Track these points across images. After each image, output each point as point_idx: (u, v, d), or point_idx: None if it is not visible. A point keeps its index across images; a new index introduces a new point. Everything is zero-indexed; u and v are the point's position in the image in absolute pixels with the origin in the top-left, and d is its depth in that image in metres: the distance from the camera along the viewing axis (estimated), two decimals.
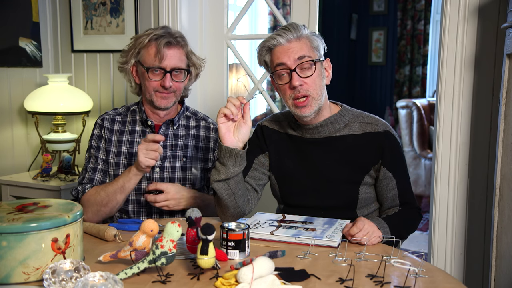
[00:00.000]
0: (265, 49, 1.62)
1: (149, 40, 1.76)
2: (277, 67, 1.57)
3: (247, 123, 1.51)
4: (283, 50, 1.57)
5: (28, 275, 1.10)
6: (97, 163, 1.85)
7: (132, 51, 1.80)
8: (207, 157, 1.88)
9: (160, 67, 1.75)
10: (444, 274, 1.22)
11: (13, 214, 1.15)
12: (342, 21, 6.81)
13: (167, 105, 1.80)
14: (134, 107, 1.91)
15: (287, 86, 1.57)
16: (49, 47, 2.98)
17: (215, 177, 1.54)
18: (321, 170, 1.65)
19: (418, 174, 4.67)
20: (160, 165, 1.82)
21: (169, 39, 1.76)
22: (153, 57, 1.75)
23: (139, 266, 1.14)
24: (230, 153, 1.50)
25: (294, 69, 1.54)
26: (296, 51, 1.55)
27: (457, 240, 2.20)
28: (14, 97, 2.80)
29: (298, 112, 1.58)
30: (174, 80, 1.77)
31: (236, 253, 1.27)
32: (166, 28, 1.81)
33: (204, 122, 1.93)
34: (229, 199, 1.57)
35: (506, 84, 1.81)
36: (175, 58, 1.77)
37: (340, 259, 1.28)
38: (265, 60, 1.65)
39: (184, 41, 1.82)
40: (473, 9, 2.09)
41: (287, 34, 1.56)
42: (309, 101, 1.56)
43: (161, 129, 1.85)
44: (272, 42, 1.58)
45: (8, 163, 2.80)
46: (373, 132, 1.63)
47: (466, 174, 2.17)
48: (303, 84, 1.55)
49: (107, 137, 1.86)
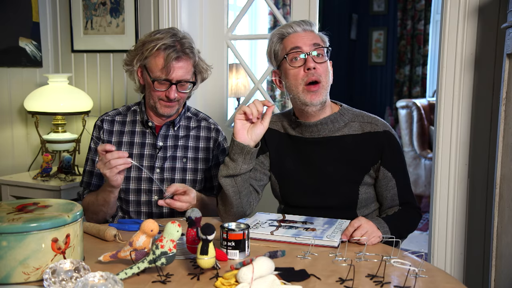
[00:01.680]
0: (278, 37, 1.64)
1: (157, 49, 1.71)
2: (292, 50, 1.59)
3: (264, 125, 1.53)
4: (299, 36, 1.61)
5: (28, 275, 1.10)
6: (93, 167, 1.86)
7: (138, 55, 1.77)
8: (208, 157, 1.88)
9: (167, 79, 1.73)
10: (444, 274, 1.22)
11: (13, 214, 1.15)
12: (342, 21, 6.81)
13: (170, 113, 1.81)
14: (135, 107, 1.91)
15: (300, 68, 1.58)
16: (49, 47, 2.98)
17: (223, 172, 1.56)
18: (321, 170, 1.65)
19: (418, 174, 4.67)
20: (160, 166, 1.82)
21: (179, 53, 1.71)
22: (160, 68, 1.72)
23: (139, 266, 1.14)
24: (241, 150, 1.51)
25: (309, 53, 1.57)
26: (311, 39, 1.60)
27: (457, 240, 2.20)
28: (14, 97, 2.80)
29: (308, 98, 1.58)
30: (179, 91, 1.76)
31: (236, 253, 1.27)
32: (175, 36, 1.74)
33: (205, 122, 1.92)
34: (234, 197, 1.57)
35: (506, 84, 1.81)
36: (182, 70, 1.74)
37: (340, 259, 1.28)
38: (274, 49, 1.65)
39: (193, 52, 1.77)
40: (473, 9, 2.09)
41: (303, 25, 1.62)
42: (320, 88, 1.58)
43: (161, 130, 1.85)
44: (288, 30, 1.62)
45: (8, 163, 2.80)
46: (372, 132, 1.63)
47: (466, 174, 2.17)
48: (316, 68, 1.58)
49: (106, 139, 1.86)
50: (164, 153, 1.83)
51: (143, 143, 1.85)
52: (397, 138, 1.68)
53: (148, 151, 1.84)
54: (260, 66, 4.50)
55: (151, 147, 1.84)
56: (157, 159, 1.83)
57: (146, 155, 1.83)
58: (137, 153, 1.83)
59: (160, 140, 1.84)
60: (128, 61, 1.82)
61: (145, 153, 1.83)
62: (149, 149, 1.84)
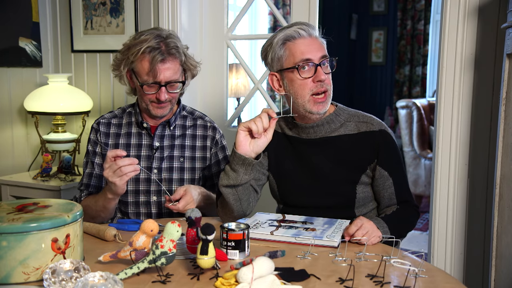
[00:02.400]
0: (282, 41, 1.57)
1: (142, 52, 1.69)
2: (302, 62, 1.55)
3: (267, 137, 1.51)
4: (307, 44, 1.56)
5: (28, 275, 1.10)
6: (93, 168, 1.86)
7: (125, 60, 1.75)
8: (205, 155, 1.88)
9: (155, 81, 1.71)
10: (444, 274, 1.22)
11: (13, 214, 1.15)
12: (342, 21, 6.81)
13: (163, 113, 1.80)
14: (130, 109, 1.91)
15: (309, 80, 1.56)
16: (49, 47, 2.98)
17: (224, 182, 1.54)
18: (318, 170, 1.65)
19: (418, 174, 4.67)
20: (158, 167, 1.82)
21: (164, 54, 1.69)
22: (147, 72, 1.70)
23: (139, 266, 1.14)
24: (243, 162, 1.50)
25: (319, 64, 1.56)
26: (318, 48, 1.58)
27: (457, 240, 2.20)
28: (14, 97, 2.80)
29: (315, 108, 1.58)
30: (169, 92, 1.74)
31: (236, 253, 1.27)
32: (159, 37, 1.71)
33: (201, 120, 1.91)
34: (235, 204, 1.58)
35: (506, 84, 1.81)
36: (169, 71, 1.71)
37: (340, 259, 1.28)
38: (277, 53, 1.58)
39: (179, 51, 1.73)
40: (473, 9, 2.09)
41: (307, 29, 1.57)
42: (327, 98, 1.59)
43: (157, 130, 1.84)
44: (293, 34, 1.56)
45: (8, 163, 2.80)
46: (368, 131, 1.63)
47: (466, 174, 2.17)
48: (326, 80, 1.58)
49: (103, 141, 1.86)
50: (161, 154, 1.83)
51: (139, 145, 1.85)
52: (393, 137, 1.67)
53: (145, 152, 1.84)
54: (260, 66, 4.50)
55: (148, 148, 1.84)
56: (154, 159, 1.82)
57: (143, 156, 1.83)
58: (134, 155, 1.83)
59: (157, 141, 1.83)
60: (115, 66, 1.80)
61: (142, 154, 1.83)
62: (146, 150, 1.84)
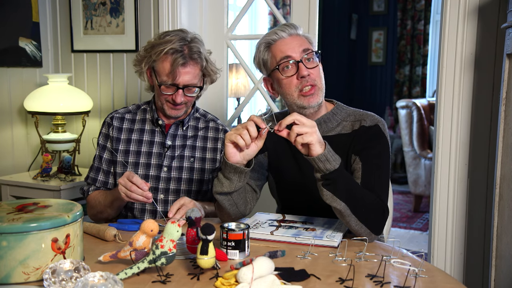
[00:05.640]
0: (264, 46, 1.61)
1: (165, 53, 1.72)
2: (283, 60, 1.56)
3: (258, 145, 1.46)
4: (286, 43, 1.58)
5: (28, 275, 1.10)
6: (100, 163, 1.89)
7: (147, 58, 1.78)
8: (215, 157, 1.89)
9: (173, 83, 1.74)
10: (444, 274, 1.22)
11: (13, 214, 1.15)
12: (342, 21, 6.82)
13: (177, 114, 1.82)
14: (145, 106, 1.93)
15: (293, 77, 1.56)
16: (49, 47, 2.98)
17: (218, 189, 1.53)
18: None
19: (418, 174, 4.67)
20: (168, 165, 1.84)
21: (185, 58, 1.71)
22: (167, 73, 1.73)
23: (139, 266, 1.14)
24: (235, 170, 1.49)
25: (301, 60, 1.56)
26: (299, 44, 1.57)
27: (457, 240, 2.20)
28: (14, 97, 2.80)
29: (305, 102, 1.57)
30: (186, 95, 1.77)
31: (236, 253, 1.27)
32: (183, 40, 1.74)
33: (213, 123, 1.94)
34: (231, 209, 1.58)
35: (506, 84, 1.81)
36: (189, 75, 1.74)
37: (340, 259, 1.28)
38: (263, 58, 1.63)
39: (200, 57, 1.76)
40: (473, 9, 2.09)
41: (287, 29, 1.59)
42: (316, 90, 1.57)
43: (170, 129, 1.87)
44: (273, 37, 1.59)
45: (8, 163, 2.80)
46: (359, 128, 1.61)
47: (466, 174, 2.17)
48: (310, 74, 1.56)
49: (115, 136, 1.87)
50: (172, 152, 1.85)
51: (152, 142, 1.87)
52: (385, 134, 1.61)
53: (156, 149, 1.86)
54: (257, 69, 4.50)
55: (160, 145, 1.86)
56: (165, 157, 1.84)
57: (155, 153, 1.85)
58: (145, 151, 1.85)
59: (169, 139, 1.85)
60: (137, 61, 1.84)
61: (153, 152, 1.85)
62: (158, 148, 1.86)
